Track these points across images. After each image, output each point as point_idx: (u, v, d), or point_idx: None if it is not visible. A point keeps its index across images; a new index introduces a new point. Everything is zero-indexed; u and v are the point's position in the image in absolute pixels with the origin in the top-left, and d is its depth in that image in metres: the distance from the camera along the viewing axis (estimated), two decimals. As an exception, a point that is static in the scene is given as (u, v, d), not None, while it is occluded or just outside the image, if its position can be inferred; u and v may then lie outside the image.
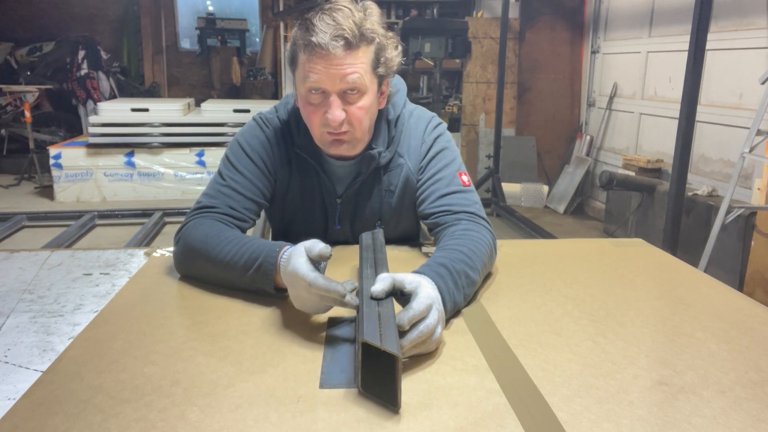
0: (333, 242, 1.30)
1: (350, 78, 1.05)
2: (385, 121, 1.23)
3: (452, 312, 0.92)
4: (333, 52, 1.02)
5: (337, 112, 1.06)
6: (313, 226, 1.29)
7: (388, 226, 1.29)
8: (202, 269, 1.06)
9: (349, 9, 1.04)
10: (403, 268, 0.94)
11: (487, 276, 1.11)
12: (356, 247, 1.08)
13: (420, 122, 1.26)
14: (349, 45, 1.03)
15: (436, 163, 1.23)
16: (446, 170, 1.22)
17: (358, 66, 1.05)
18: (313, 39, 1.01)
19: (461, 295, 0.94)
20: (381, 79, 1.13)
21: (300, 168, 1.24)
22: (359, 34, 1.04)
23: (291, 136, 1.23)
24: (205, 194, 1.18)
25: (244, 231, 1.17)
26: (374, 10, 1.09)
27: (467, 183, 1.22)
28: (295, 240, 0.96)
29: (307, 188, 1.25)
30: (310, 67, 1.04)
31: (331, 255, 0.87)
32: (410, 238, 1.36)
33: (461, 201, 1.18)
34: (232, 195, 1.16)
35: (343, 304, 0.83)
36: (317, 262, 0.87)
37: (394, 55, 1.13)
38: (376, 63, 1.09)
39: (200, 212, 1.14)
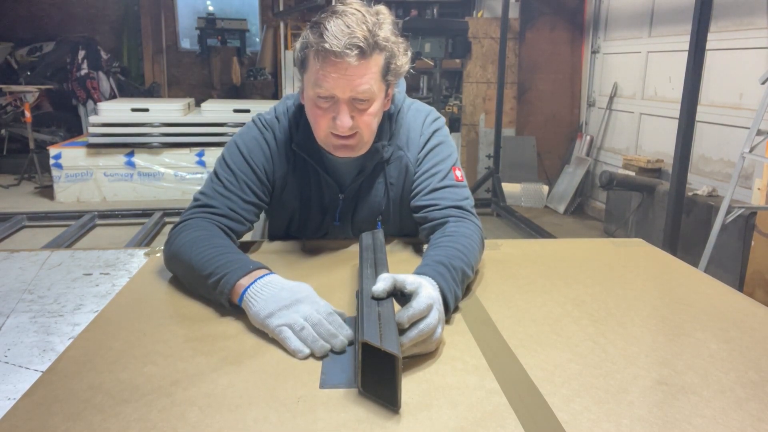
0: (331, 238, 1.31)
1: (361, 88, 1.04)
2: (386, 117, 1.23)
3: (454, 307, 0.93)
4: (347, 60, 1.00)
5: (346, 119, 1.06)
6: (311, 223, 1.30)
7: (388, 220, 1.29)
8: (179, 270, 1.05)
9: (362, 14, 1.03)
10: (403, 268, 0.94)
11: (488, 276, 1.12)
12: (356, 247, 1.08)
13: (419, 115, 1.27)
14: (363, 54, 1.02)
15: (432, 156, 1.24)
16: (442, 165, 1.23)
17: (370, 76, 1.05)
18: (326, 46, 1.00)
19: (461, 291, 0.96)
20: (389, 84, 1.13)
21: (298, 166, 1.24)
22: (373, 42, 1.02)
23: (290, 135, 1.23)
24: (203, 193, 1.16)
25: (241, 234, 1.17)
26: (387, 17, 1.08)
27: (460, 178, 1.24)
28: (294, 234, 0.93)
29: (305, 186, 1.25)
30: (323, 75, 1.03)
31: None
32: (411, 234, 1.36)
33: (451, 195, 1.20)
34: (231, 197, 1.15)
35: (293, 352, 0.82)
36: None
37: (404, 61, 1.12)
38: (386, 70, 1.09)
39: (199, 212, 1.13)
